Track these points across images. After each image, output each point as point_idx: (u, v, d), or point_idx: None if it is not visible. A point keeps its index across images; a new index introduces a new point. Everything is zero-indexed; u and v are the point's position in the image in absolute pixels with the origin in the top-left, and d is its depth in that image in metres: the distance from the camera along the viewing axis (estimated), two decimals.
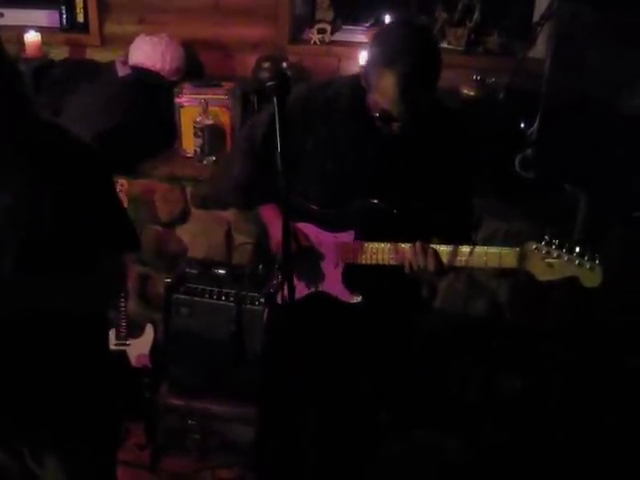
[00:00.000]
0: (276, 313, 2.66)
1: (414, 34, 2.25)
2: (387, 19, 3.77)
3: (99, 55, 3.84)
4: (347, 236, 2.43)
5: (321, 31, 3.66)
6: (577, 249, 2.16)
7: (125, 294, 3.37)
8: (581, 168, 2.85)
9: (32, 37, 3.75)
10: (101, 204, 1.90)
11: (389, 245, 2.35)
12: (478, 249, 2.28)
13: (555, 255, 2.18)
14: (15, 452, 2.07)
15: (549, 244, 2.19)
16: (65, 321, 1.92)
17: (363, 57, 3.49)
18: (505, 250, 2.25)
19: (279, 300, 2.51)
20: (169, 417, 3.40)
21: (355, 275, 2.45)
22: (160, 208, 3.53)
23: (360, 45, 3.60)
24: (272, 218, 2.53)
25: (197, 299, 3.24)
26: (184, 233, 3.56)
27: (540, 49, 3.39)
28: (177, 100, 3.39)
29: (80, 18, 3.86)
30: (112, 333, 3.40)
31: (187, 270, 3.34)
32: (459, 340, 3.44)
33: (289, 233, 2.06)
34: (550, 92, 2.97)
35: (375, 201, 2.37)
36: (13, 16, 3.98)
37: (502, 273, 3.27)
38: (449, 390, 3.46)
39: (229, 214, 3.42)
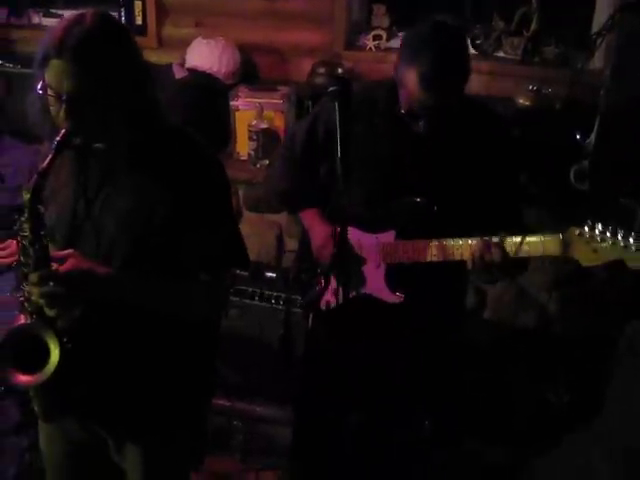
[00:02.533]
0: (317, 319, 2.65)
1: (437, 31, 2.26)
2: None
3: (156, 57, 3.88)
4: (388, 236, 2.43)
5: (377, 38, 3.67)
6: (621, 232, 2.13)
7: None
8: (637, 181, 2.82)
9: None
10: (217, 216, 1.90)
11: (434, 242, 2.33)
12: (518, 239, 2.24)
13: (599, 239, 2.15)
14: (100, 439, 2.09)
15: (592, 228, 2.16)
16: (171, 323, 1.92)
17: None
18: (547, 238, 2.22)
19: (322, 305, 2.56)
20: (214, 417, 3.42)
21: (398, 275, 2.44)
22: None
23: None
24: (313, 223, 2.56)
25: (247, 301, 3.26)
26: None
27: (598, 60, 3.36)
28: (232, 103, 3.43)
29: (138, 21, 3.92)
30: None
31: (238, 272, 3.35)
32: (507, 351, 3.42)
33: (345, 239, 2.08)
34: (608, 104, 2.95)
35: (415, 199, 2.36)
36: None
37: (554, 284, 3.25)
38: (496, 401, 3.43)
39: (280, 217, 3.44)
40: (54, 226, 1.84)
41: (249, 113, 3.41)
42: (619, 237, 2.12)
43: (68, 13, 3.98)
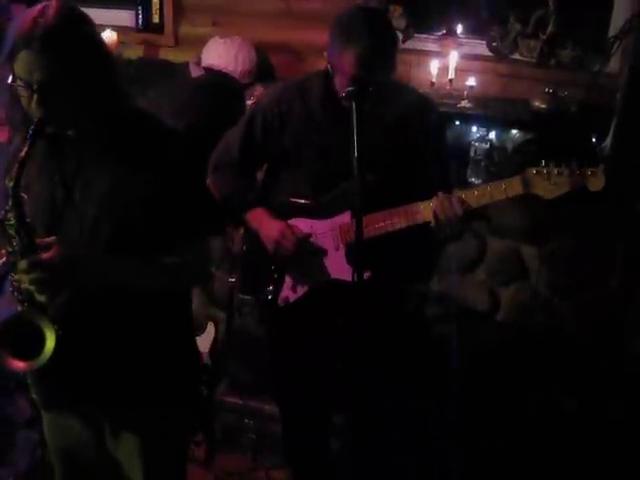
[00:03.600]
0: (275, 316, 2.70)
1: (365, 14, 2.36)
2: (459, 28, 3.77)
3: (172, 55, 3.92)
4: (344, 217, 2.48)
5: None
6: (575, 163, 2.30)
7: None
8: None
9: (108, 36, 3.83)
10: (189, 190, 1.96)
11: (395, 210, 2.42)
12: (481, 188, 2.38)
13: (556, 172, 2.29)
14: (96, 427, 2.14)
15: (547, 165, 2.31)
16: (151, 299, 1.99)
17: (434, 65, 3.50)
18: (507, 181, 2.34)
19: (281, 302, 2.61)
20: (226, 415, 3.44)
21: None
22: None
23: (432, 54, 3.62)
24: (263, 220, 2.59)
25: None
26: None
27: (614, 63, 3.35)
28: (249, 102, 3.43)
29: (156, 19, 3.95)
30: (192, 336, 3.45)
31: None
32: (520, 353, 3.41)
33: (361, 232, 2.09)
34: (625, 107, 2.95)
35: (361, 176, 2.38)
36: (91, 15, 4.03)
37: (569, 287, 3.25)
38: (504, 403, 3.43)
39: None
40: (33, 216, 1.87)
41: None
42: (574, 167, 2.29)
43: (87, 11, 4.05)
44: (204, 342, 3.50)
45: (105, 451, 2.18)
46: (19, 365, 1.86)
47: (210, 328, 3.54)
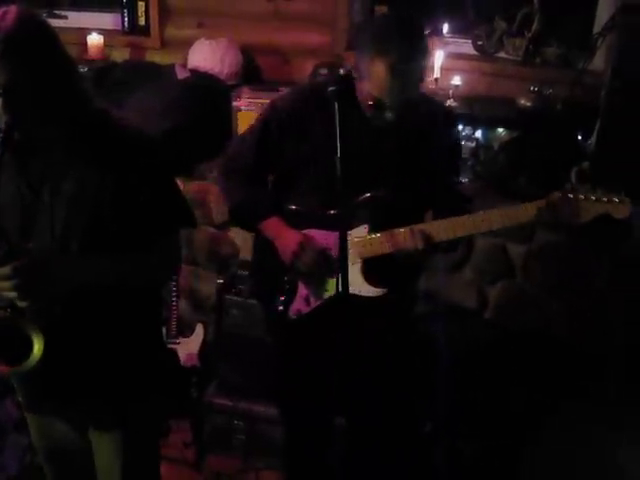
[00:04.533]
0: (286, 327, 2.63)
1: (403, 22, 2.30)
2: (445, 28, 3.78)
3: (159, 58, 3.92)
4: (360, 231, 2.43)
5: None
6: (600, 189, 2.24)
7: (177, 293, 3.42)
8: (639, 182, 2.82)
9: (94, 39, 3.84)
10: (157, 185, 1.99)
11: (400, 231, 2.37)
12: (495, 211, 2.32)
13: (583, 198, 2.23)
14: (79, 426, 2.21)
15: (573, 190, 2.25)
16: (125, 297, 2.03)
17: None
18: (526, 205, 2.29)
19: (292, 314, 2.54)
20: (215, 417, 3.43)
21: (376, 268, 2.44)
22: (214, 210, 3.57)
23: None
24: (280, 230, 2.50)
25: (248, 301, 3.27)
26: (237, 235, 3.60)
27: (599, 61, 3.36)
28: (235, 104, 3.43)
29: (141, 21, 3.95)
30: (163, 331, 3.45)
31: (239, 272, 3.36)
32: (506, 352, 3.42)
33: (346, 241, 2.10)
34: (610, 105, 2.95)
35: (382, 191, 2.38)
36: (76, 19, 4.10)
37: (556, 286, 3.26)
38: (493, 402, 3.43)
39: None
40: (4, 222, 1.91)
41: (251, 114, 3.39)
42: (599, 193, 2.23)
43: (73, 14, 4.07)
44: (193, 344, 3.50)
45: (89, 450, 2.23)
46: (3, 369, 1.89)
47: (199, 330, 3.54)
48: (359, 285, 2.43)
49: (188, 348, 3.48)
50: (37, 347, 1.83)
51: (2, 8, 1.78)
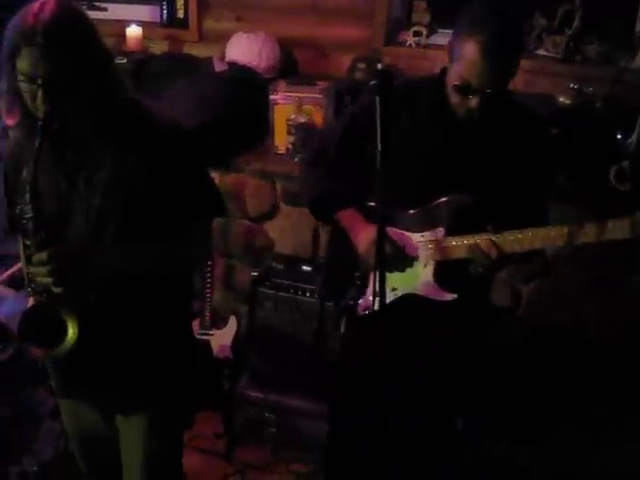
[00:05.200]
0: (354, 322, 2.60)
1: (497, 7, 2.23)
2: None
3: (196, 50, 3.93)
4: (437, 233, 2.39)
5: (417, 34, 3.65)
6: None
7: (211, 284, 3.44)
8: None
9: (133, 31, 3.86)
10: (189, 175, 2.01)
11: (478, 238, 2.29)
12: (589, 226, 2.21)
13: None
14: (107, 413, 2.26)
15: None
16: (156, 286, 2.06)
17: None
18: (616, 222, 2.17)
19: (361, 310, 2.51)
20: (247, 408, 3.45)
21: (448, 273, 2.40)
22: (250, 203, 3.59)
23: None
24: (355, 222, 2.49)
25: (282, 294, 3.28)
26: (272, 228, 3.61)
27: None
28: (272, 97, 3.44)
29: (180, 14, 3.96)
30: (196, 323, 3.48)
31: (273, 265, 3.38)
32: (539, 350, 3.39)
33: (384, 236, 2.07)
34: None
35: (462, 196, 2.32)
36: (116, 10, 4.11)
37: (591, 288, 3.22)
38: (525, 401, 3.41)
39: None
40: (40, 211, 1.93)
41: (288, 107, 3.42)
42: None
43: (112, 6, 4.09)
44: (226, 335, 3.52)
45: (116, 437, 2.28)
46: (40, 353, 1.96)
47: (232, 322, 3.56)
48: (430, 288, 2.40)
49: (221, 340, 3.50)
50: (71, 332, 1.88)
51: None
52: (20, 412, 3.12)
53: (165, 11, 3.97)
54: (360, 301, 2.51)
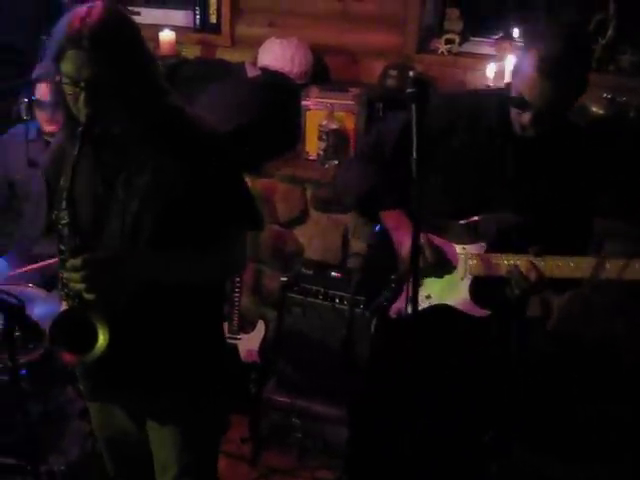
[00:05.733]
0: (385, 325, 2.60)
1: (563, 25, 2.23)
2: (516, 32, 3.74)
3: (228, 55, 3.96)
4: (479, 248, 2.37)
5: (449, 42, 3.65)
6: None
7: (240, 289, 3.45)
8: None
9: (166, 36, 3.89)
10: (228, 184, 2.01)
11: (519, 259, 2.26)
12: (615, 261, 2.17)
13: None
14: (137, 416, 2.25)
15: None
16: (188, 292, 2.04)
17: (491, 69, 3.48)
18: None
19: (393, 313, 2.50)
20: (273, 413, 3.45)
21: (484, 288, 2.38)
22: (280, 208, 3.60)
23: (488, 57, 3.58)
24: (399, 223, 2.47)
25: (311, 300, 3.29)
26: (301, 234, 3.62)
27: None
28: (304, 103, 3.45)
29: (213, 19, 3.99)
30: (224, 327, 3.48)
31: (303, 271, 3.38)
32: (569, 363, 3.37)
33: (418, 244, 2.04)
34: None
35: (511, 214, 2.31)
36: (149, 15, 4.16)
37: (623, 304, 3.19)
38: (554, 413, 3.38)
39: (346, 218, 3.45)
40: (78, 214, 1.93)
41: (320, 113, 3.43)
42: None
43: (146, 10, 4.13)
44: (254, 340, 3.53)
45: (146, 441, 2.27)
46: (71, 358, 1.95)
47: (260, 326, 3.57)
48: (464, 301, 2.39)
49: (249, 344, 3.51)
50: (102, 338, 1.88)
51: (87, 4, 1.81)
52: (49, 411, 3.14)
53: (198, 16, 4.01)
54: (393, 304, 2.50)
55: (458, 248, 2.41)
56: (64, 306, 1.97)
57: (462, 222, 2.39)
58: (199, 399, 2.19)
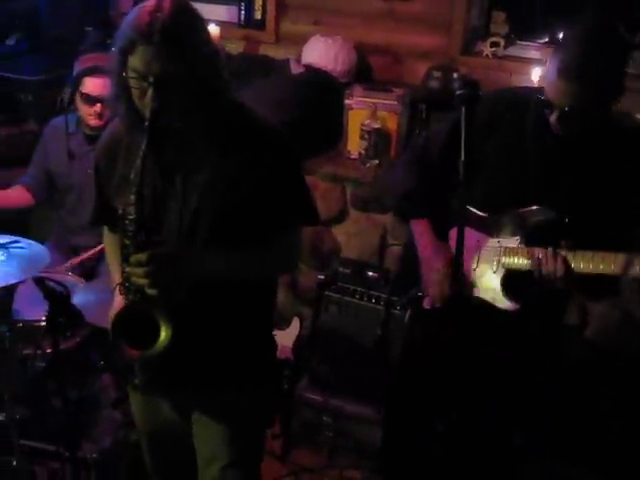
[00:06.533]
0: (419, 317, 2.61)
1: (591, 24, 2.20)
2: (562, 35, 3.71)
3: (272, 52, 3.97)
4: (512, 242, 2.36)
5: (494, 44, 3.63)
6: None
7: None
8: None
9: (211, 30, 3.85)
10: (290, 179, 1.99)
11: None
12: None
13: None
14: (183, 411, 2.22)
15: None
16: (243, 288, 2.03)
17: (536, 73, 3.45)
18: None
19: (426, 304, 2.51)
20: (305, 411, 3.45)
21: (515, 282, 2.36)
22: (319, 206, 3.53)
23: (533, 61, 3.56)
24: (424, 233, 2.52)
25: (347, 299, 3.28)
26: (340, 233, 3.62)
27: None
28: (346, 102, 3.45)
29: (257, 15, 4.01)
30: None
31: (340, 269, 3.38)
32: (606, 373, 3.33)
33: (462, 242, 2.07)
34: None
35: (547, 210, 2.29)
36: None
37: None
38: (589, 423, 3.34)
39: (385, 218, 3.45)
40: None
41: (362, 112, 3.43)
42: None
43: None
44: (288, 337, 3.53)
45: (189, 437, 2.24)
46: (133, 353, 1.94)
47: (295, 323, 3.57)
48: (495, 294, 2.38)
49: (283, 341, 3.51)
50: (164, 334, 1.87)
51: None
52: (82, 398, 3.17)
53: (243, 12, 4.03)
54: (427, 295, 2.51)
55: (493, 241, 2.40)
56: (120, 299, 1.97)
57: (496, 216, 2.38)
58: (249, 393, 2.17)
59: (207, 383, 2.12)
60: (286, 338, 3.52)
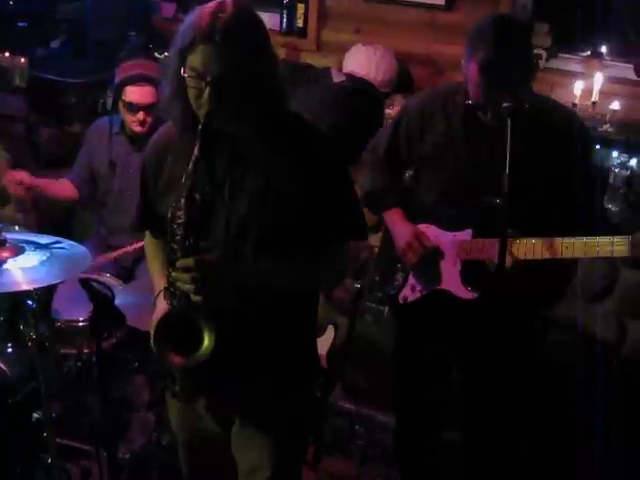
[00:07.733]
0: (396, 312, 2.76)
1: (496, 22, 2.29)
2: (605, 50, 3.68)
3: (313, 60, 3.99)
4: (465, 234, 2.49)
5: (536, 57, 3.60)
6: None
7: None
8: None
9: None
10: (338, 192, 1.96)
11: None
12: (587, 240, 2.26)
13: None
14: (224, 418, 2.17)
15: None
16: (290, 299, 2.01)
17: (578, 87, 3.43)
18: (617, 239, 2.22)
19: (400, 300, 2.66)
20: (337, 420, 3.45)
21: (473, 273, 2.46)
22: None
23: (575, 74, 3.54)
24: (396, 221, 2.66)
25: (383, 309, 3.26)
26: (376, 242, 3.59)
27: None
28: (387, 111, 3.46)
29: (299, 23, 4.04)
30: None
31: (376, 278, 3.36)
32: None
33: (505, 244, 2.17)
34: None
35: (492, 200, 2.34)
36: None
37: None
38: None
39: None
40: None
41: None
42: None
43: None
44: (323, 345, 3.52)
45: (228, 446, 2.20)
46: (177, 360, 1.89)
47: (330, 331, 3.56)
48: (455, 285, 2.49)
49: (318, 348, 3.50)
50: (207, 342, 1.84)
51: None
52: (116, 399, 3.19)
53: (285, 19, 4.05)
54: (402, 292, 2.66)
55: (449, 235, 2.52)
56: (163, 304, 1.94)
57: (450, 211, 2.51)
58: (293, 401, 2.14)
59: (251, 391, 2.07)
60: (320, 346, 3.49)
